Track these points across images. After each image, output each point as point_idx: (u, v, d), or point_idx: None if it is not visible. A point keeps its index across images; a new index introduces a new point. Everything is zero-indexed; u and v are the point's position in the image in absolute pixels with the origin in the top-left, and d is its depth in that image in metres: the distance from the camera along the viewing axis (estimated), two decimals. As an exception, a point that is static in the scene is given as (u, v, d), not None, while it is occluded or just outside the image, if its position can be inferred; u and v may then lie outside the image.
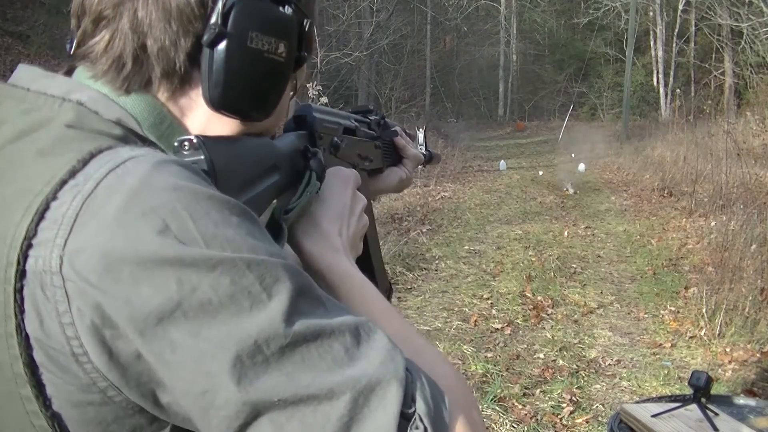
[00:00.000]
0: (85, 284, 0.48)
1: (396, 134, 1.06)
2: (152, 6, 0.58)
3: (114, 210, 0.48)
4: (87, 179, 0.50)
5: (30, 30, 14.43)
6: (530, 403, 3.43)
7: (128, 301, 0.47)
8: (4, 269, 0.49)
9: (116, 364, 0.49)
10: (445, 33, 30.03)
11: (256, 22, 0.61)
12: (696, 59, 24.65)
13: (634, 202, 9.91)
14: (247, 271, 0.49)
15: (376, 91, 18.80)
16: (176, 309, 0.47)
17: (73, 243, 0.48)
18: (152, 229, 0.48)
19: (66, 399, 0.50)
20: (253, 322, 0.48)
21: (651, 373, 3.82)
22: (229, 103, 0.61)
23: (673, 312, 4.82)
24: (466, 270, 6.11)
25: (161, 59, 0.59)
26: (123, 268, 0.47)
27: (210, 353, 0.47)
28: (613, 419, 1.66)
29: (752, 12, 19.37)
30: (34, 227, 0.49)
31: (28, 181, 0.51)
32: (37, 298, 0.49)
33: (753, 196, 6.90)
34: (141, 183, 0.49)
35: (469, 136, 20.51)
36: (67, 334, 0.48)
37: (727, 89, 22.37)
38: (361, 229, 0.76)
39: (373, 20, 16.17)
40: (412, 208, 8.62)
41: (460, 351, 4.04)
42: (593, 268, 6.29)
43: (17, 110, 0.57)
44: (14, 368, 0.50)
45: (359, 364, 0.50)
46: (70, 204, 0.49)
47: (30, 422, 0.51)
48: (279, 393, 0.47)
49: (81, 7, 0.61)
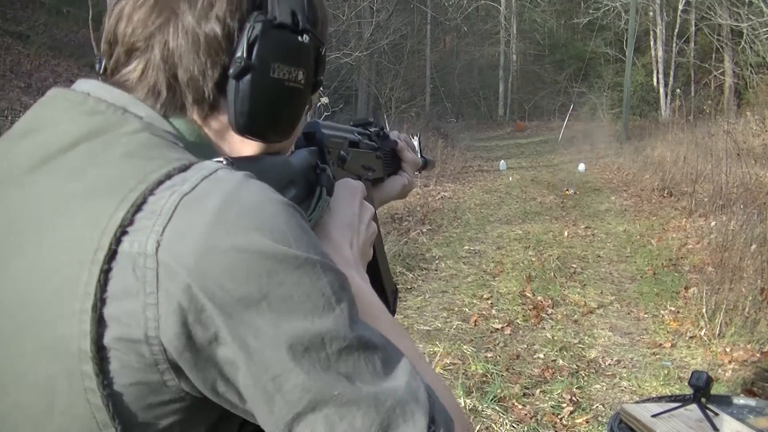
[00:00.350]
0: (180, 267, 0.52)
1: (396, 144, 1.11)
2: (182, 39, 0.63)
3: (213, 208, 0.54)
4: (184, 181, 0.56)
5: (30, 30, 14.41)
6: (530, 403, 3.43)
7: (221, 286, 0.52)
8: (93, 252, 0.53)
9: (191, 346, 0.53)
10: (445, 33, 30.03)
11: (278, 54, 0.66)
12: (696, 59, 24.64)
13: (634, 202, 9.91)
14: (323, 274, 0.56)
15: (376, 91, 18.79)
16: (263, 299, 0.53)
17: (171, 231, 0.53)
18: (248, 225, 0.54)
19: (125, 379, 0.53)
20: (323, 322, 0.54)
21: (651, 373, 3.82)
22: (254, 129, 0.66)
23: (673, 312, 4.82)
24: (466, 270, 6.11)
25: (191, 88, 0.64)
26: (220, 255, 0.53)
27: (287, 343, 0.53)
28: (613, 419, 1.66)
29: (752, 12, 19.36)
30: (131, 216, 0.54)
31: (119, 177, 0.56)
32: (126, 278, 0.53)
33: (753, 196, 6.91)
34: (236, 188, 0.56)
35: (469, 136, 20.53)
36: (146, 314, 0.52)
37: (727, 89, 22.36)
38: (370, 237, 0.81)
39: (373, 20, 16.16)
40: (412, 208, 8.62)
41: (460, 351, 4.04)
42: (593, 268, 6.29)
43: (79, 110, 0.61)
44: (81, 344, 0.53)
45: (392, 380, 0.57)
46: (168, 199, 0.54)
47: (86, 399, 0.53)
48: (337, 389, 0.54)
49: (113, 35, 0.65)
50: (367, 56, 15.79)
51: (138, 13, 0.64)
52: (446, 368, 3.74)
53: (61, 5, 15.91)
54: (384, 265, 0.98)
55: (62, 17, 16.02)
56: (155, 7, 0.63)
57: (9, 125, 6.69)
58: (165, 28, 0.63)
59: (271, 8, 0.65)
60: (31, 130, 0.63)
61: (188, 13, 0.63)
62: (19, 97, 11.02)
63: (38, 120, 0.63)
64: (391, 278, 1.02)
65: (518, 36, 30.77)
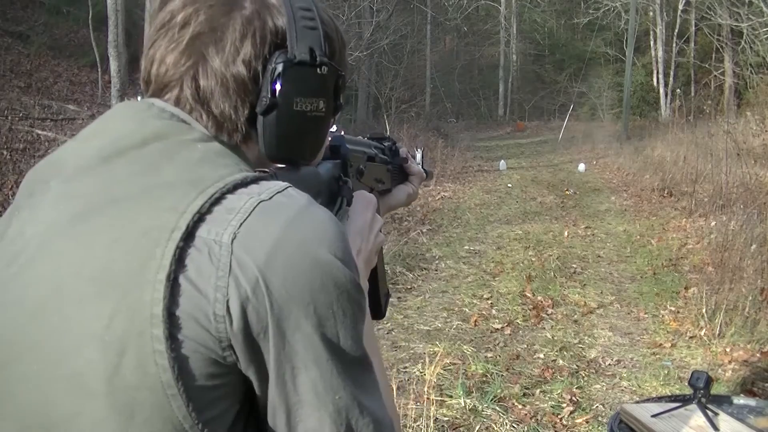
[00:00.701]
0: (251, 261, 0.60)
1: (406, 161, 1.20)
2: (212, 80, 0.70)
3: (287, 215, 0.63)
4: (261, 191, 0.64)
5: (30, 30, 14.42)
6: (530, 403, 3.43)
7: (283, 284, 0.61)
8: (170, 231, 0.60)
9: (247, 333, 0.60)
10: (445, 33, 30.05)
11: (300, 89, 0.73)
12: (696, 59, 24.64)
13: (634, 202, 9.90)
14: (358, 294, 0.66)
15: (376, 91, 18.80)
16: (311, 303, 0.62)
17: (247, 228, 0.61)
18: (315, 236, 0.63)
19: (190, 347, 0.60)
20: (349, 334, 0.64)
21: (651, 373, 3.82)
22: (282, 156, 0.75)
23: (673, 312, 4.82)
24: (466, 270, 6.11)
25: (225, 120, 0.71)
26: (287, 258, 0.61)
27: (315, 345, 0.62)
28: (613, 419, 1.66)
29: (752, 12, 19.34)
30: (208, 207, 0.62)
31: (197, 175, 0.64)
32: (202, 260, 0.60)
33: (753, 196, 6.90)
34: (305, 204, 0.66)
35: (469, 136, 20.52)
36: (216, 294, 0.59)
37: (727, 89, 22.36)
38: (378, 246, 0.90)
39: (373, 20, 16.16)
40: (412, 208, 8.61)
41: (460, 351, 4.04)
42: (593, 268, 6.29)
43: (146, 115, 0.69)
44: (153, 309, 0.59)
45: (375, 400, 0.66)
46: (247, 201, 0.63)
47: (154, 360, 0.59)
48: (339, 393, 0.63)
49: (148, 75, 0.73)
50: (367, 56, 15.80)
51: (170, 56, 0.71)
52: (446, 368, 3.73)
53: (61, 5, 15.91)
54: (381, 270, 1.05)
55: (62, 17, 16.03)
56: (185, 52, 0.70)
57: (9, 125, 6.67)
58: (195, 68, 0.70)
59: (291, 47, 0.72)
60: (100, 132, 0.71)
61: (216, 57, 0.70)
62: (19, 97, 11.03)
63: (106, 125, 0.72)
64: (386, 282, 1.10)
65: (518, 36, 30.76)
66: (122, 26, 9.88)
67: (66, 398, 0.60)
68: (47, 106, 10.94)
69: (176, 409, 0.59)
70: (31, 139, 8.85)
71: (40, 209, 0.67)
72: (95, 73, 13.08)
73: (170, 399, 0.59)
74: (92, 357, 0.59)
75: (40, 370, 0.61)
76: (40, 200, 0.67)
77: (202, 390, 0.61)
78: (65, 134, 9.15)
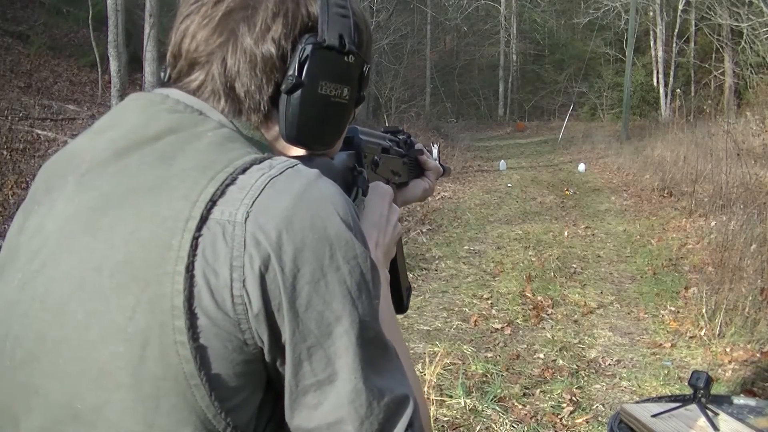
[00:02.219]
0: (264, 237, 0.60)
1: (421, 152, 1.19)
2: (240, 57, 0.71)
3: (297, 189, 0.63)
4: (271, 167, 0.64)
5: (30, 30, 14.41)
6: (530, 403, 3.43)
7: (294, 259, 0.61)
8: (185, 221, 0.61)
9: (267, 312, 0.61)
10: (445, 33, 30.06)
11: (326, 72, 0.73)
12: (696, 59, 24.64)
13: (634, 202, 9.90)
14: (371, 269, 0.65)
15: (376, 91, 18.79)
16: (322, 278, 0.61)
17: (260, 205, 0.61)
18: (326, 208, 0.63)
19: (213, 333, 0.60)
20: (363, 312, 0.63)
21: (651, 373, 3.82)
22: (301, 138, 0.74)
23: (673, 312, 4.82)
24: (466, 270, 6.11)
25: (248, 99, 0.72)
26: (298, 232, 0.61)
27: (328, 321, 0.62)
28: (613, 419, 1.66)
29: (752, 12, 19.34)
30: (221, 192, 0.62)
31: (209, 161, 0.64)
32: (216, 242, 0.60)
33: (753, 196, 6.90)
34: (315, 178, 0.65)
35: (469, 136, 20.51)
36: (233, 275, 0.60)
37: (727, 89, 22.36)
38: (396, 237, 0.90)
39: (373, 20, 16.17)
40: (412, 208, 8.61)
41: (460, 351, 4.04)
42: (593, 268, 6.29)
43: (160, 108, 0.70)
44: (174, 301, 0.59)
45: (393, 380, 0.65)
46: (258, 178, 0.63)
47: (176, 351, 0.59)
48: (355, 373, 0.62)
49: (178, 49, 0.74)
50: (367, 56, 15.77)
51: (202, 31, 0.72)
52: (446, 368, 3.73)
53: (61, 5, 15.90)
54: (402, 263, 1.04)
55: (62, 17, 16.02)
56: (217, 28, 0.71)
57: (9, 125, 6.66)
58: (225, 47, 0.71)
59: (321, 31, 0.73)
60: (114, 125, 0.71)
61: (247, 35, 0.71)
62: (19, 97, 11.02)
63: (120, 118, 0.72)
64: (407, 276, 1.08)
65: (518, 36, 30.75)
66: (122, 26, 9.88)
67: (93, 390, 0.61)
68: (47, 106, 10.93)
69: (199, 399, 0.60)
70: (31, 139, 8.84)
71: (58, 204, 0.68)
72: (95, 73, 13.06)
73: (193, 389, 0.60)
74: (117, 350, 0.60)
75: (67, 364, 0.62)
76: (59, 195, 0.68)
77: (225, 379, 0.61)
78: (65, 134, 9.15)
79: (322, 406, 0.62)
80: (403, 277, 1.05)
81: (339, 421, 0.62)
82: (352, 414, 0.62)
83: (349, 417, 0.62)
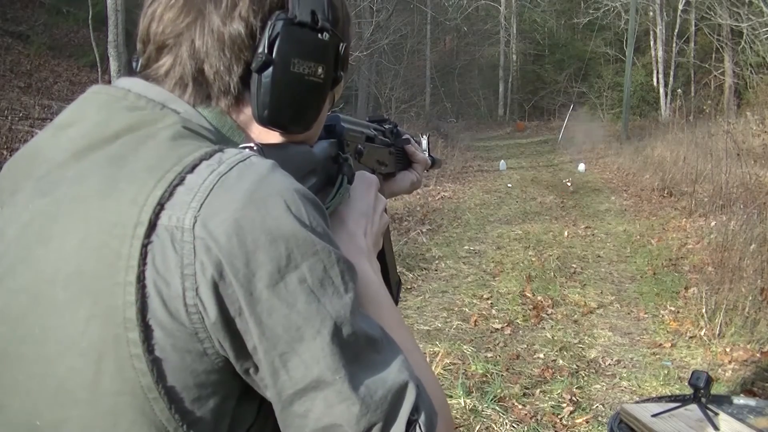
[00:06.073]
0: (213, 243, 0.57)
1: (408, 142, 1.16)
2: (208, 37, 0.68)
3: (246, 188, 0.59)
4: (220, 163, 0.61)
5: (30, 30, 14.42)
6: (530, 403, 3.43)
7: (246, 264, 0.57)
8: (133, 227, 0.58)
9: (223, 317, 0.58)
10: (445, 33, 30.04)
11: (298, 50, 0.70)
12: (696, 59, 24.63)
13: (634, 202, 9.90)
14: (336, 264, 0.61)
15: (376, 91, 18.78)
16: (280, 280, 0.58)
17: (208, 208, 0.58)
18: (278, 206, 0.59)
19: (168, 346, 0.58)
20: (332, 309, 0.60)
21: (651, 373, 3.82)
22: (275, 120, 0.71)
23: (673, 312, 4.82)
24: (466, 270, 6.11)
25: (217, 81, 0.69)
26: (248, 235, 0.58)
27: (296, 324, 0.58)
28: (613, 419, 1.66)
29: (752, 12, 19.34)
30: (168, 194, 0.58)
31: (157, 161, 0.61)
32: (165, 250, 0.57)
33: (753, 196, 6.90)
34: (267, 173, 0.61)
35: (469, 136, 20.53)
36: (185, 284, 0.57)
37: (727, 89, 22.35)
38: (383, 227, 0.87)
39: (373, 20, 16.15)
40: (412, 208, 8.62)
41: (460, 351, 4.04)
42: (593, 268, 6.29)
43: (120, 105, 0.67)
44: (126, 313, 0.57)
45: (384, 371, 0.62)
46: (207, 177, 0.59)
47: (132, 365, 0.57)
48: (339, 373, 0.59)
49: (146, 34, 0.71)
50: (367, 56, 15.78)
51: (168, 13, 0.69)
52: (446, 368, 3.74)
53: (61, 5, 15.90)
54: (390, 257, 1.02)
55: (62, 17, 16.02)
56: (184, 8, 0.68)
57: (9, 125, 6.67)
58: (192, 27, 0.68)
59: (292, 7, 0.70)
60: (75, 121, 0.68)
61: (214, 13, 0.68)
62: (19, 97, 11.02)
63: (81, 113, 0.68)
64: (396, 270, 1.06)
65: (518, 36, 30.75)
66: (122, 26, 9.87)
67: (52, 407, 0.60)
68: (47, 106, 10.93)
69: (159, 413, 0.58)
70: (31, 139, 8.84)
71: (18, 210, 0.65)
72: (95, 73, 13.05)
73: (152, 402, 0.58)
74: (73, 365, 0.58)
75: (26, 380, 0.61)
76: (20, 199, 0.66)
77: (186, 390, 0.59)
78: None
79: (311, 413, 0.60)
80: (392, 271, 1.03)
81: (333, 424, 0.60)
82: (346, 415, 0.59)
83: (343, 418, 0.59)
